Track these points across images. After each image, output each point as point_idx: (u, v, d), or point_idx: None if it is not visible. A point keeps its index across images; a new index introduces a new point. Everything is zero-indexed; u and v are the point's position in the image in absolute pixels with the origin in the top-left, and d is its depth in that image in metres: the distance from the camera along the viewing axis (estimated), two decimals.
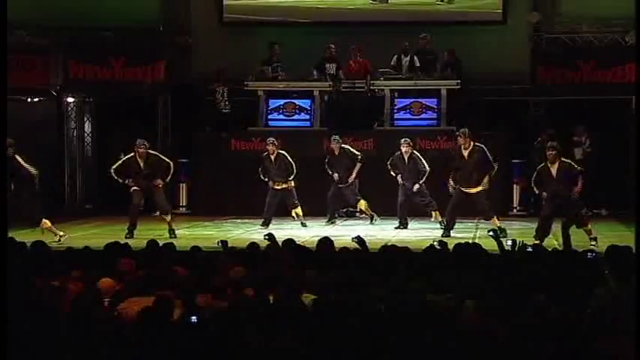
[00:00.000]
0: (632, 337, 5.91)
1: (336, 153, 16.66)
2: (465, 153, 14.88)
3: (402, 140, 16.10)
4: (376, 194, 16.94)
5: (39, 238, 11.02)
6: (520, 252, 9.45)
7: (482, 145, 15.05)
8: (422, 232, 15.33)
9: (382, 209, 16.94)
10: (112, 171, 15.02)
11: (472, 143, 14.91)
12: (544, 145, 15.15)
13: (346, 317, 6.27)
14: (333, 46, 18.78)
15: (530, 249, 9.49)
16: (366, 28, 19.88)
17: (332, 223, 16.66)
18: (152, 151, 15.22)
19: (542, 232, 13.51)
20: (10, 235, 10.43)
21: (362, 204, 16.70)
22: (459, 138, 14.98)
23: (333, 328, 6.07)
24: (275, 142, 16.37)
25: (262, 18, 20.19)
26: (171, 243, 10.11)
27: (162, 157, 15.23)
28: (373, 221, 16.58)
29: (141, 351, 5.86)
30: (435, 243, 9.72)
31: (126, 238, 13.59)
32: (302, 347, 5.80)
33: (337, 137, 16.75)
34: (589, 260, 8.82)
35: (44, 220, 14.30)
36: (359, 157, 16.60)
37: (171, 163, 15.14)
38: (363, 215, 17.23)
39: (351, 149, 16.80)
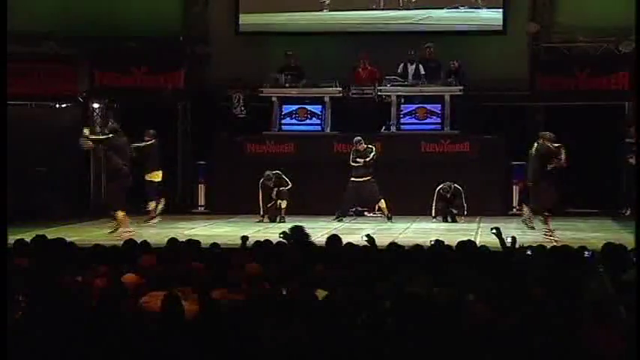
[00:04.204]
0: (620, 327, 5.93)
1: (361, 150, 16.77)
2: None
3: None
4: (383, 194, 16.92)
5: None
6: (520, 250, 9.42)
7: None
8: (426, 231, 15.29)
9: (390, 208, 16.96)
10: None
11: None
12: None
13: (354, 311, 6.25)
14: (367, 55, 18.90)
15: (529, 252, 9.43)
16: (374, 38, 19.85)
17: (340, 220, 16.69)
18: None
19: None
20: (39, 232, 10.43)
21: (382, 203, 16.80)
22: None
23: (341, 321, 6.05)
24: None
25: (275, 29, 20.17)
26: (196, 240, 10.07)
27: None
28: (391, 220, 16.61)
29: (159, 343, 5.85)
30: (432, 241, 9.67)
31: None
32: (311, 338, 5.78)
33: (360, 138, 16.80)
34: (584, 257, 8.77)
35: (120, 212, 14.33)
36: (369, 160, 16.63)
37: None
38: (373, 214, 17.29)
39: (372, 152, 16.79)
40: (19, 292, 6.92)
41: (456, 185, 16.84)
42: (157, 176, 16.49)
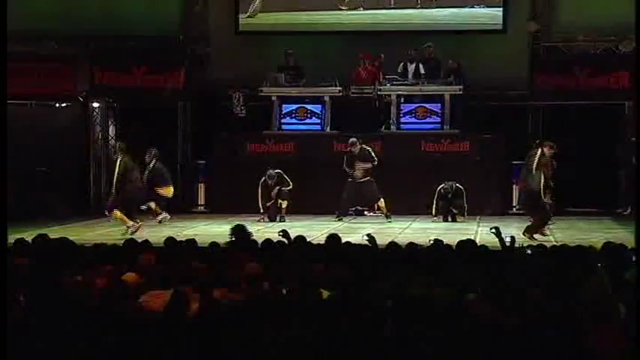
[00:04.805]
0: (620, 326, 5.93)
1: (356, 153, 16.68)
2: None
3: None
4: (383, 193, 16.91)
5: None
6: (519, 251, 9.42)
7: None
8: (425, 230, 15.28)
9: (388, 208, 16.98)
10: None
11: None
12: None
13: (355, 310, 6.25)
14: (382, 55, 18.87)
15: (529, 251, 9.43)
16: (374, 37, 19.84)
17: (340, 219, 16.68)
18: None
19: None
20: (38, 232, 10.42)
21: (381, 202, 16.81)
22: None
23: (343, 320, 6.05)
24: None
25: (275, 29, 20.15)
26: (191, 239, 10.07)
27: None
28: (389, 220, 16.60)
29: (161, 341, 5.85)
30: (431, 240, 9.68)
31: None
32: (311, 337, 5.78)
33: (355, 139, 16.75)
34: (584, 257, 8.77)
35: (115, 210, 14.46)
36: (375, 161, 16.66)
37: None
38: (372, 214, 17.29)
39: (371, 152, 16.77)
40: (20, 292, 6.93)
41: (457, 185, 16.83)
42: (169, 192, 16.50)
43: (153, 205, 16.24)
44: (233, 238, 9.89)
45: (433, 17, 19.63)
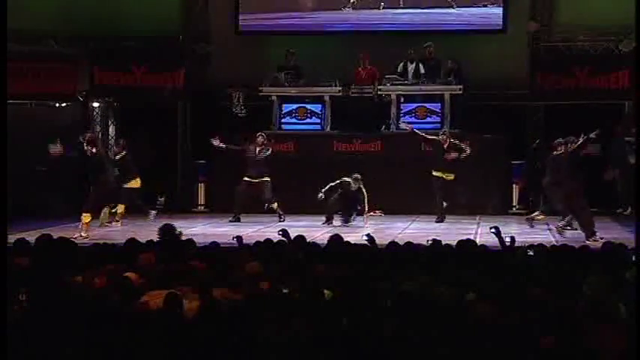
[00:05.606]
0: (620, 326, 5.93)
1: (353, 189, 16.15)
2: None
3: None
4: (383, 193, 16.91)
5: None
6: (519, 251, 9.43)
7: None
8: (426, 230, 15.28)
9: (388, 208, 16.97)
10: None
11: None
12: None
13: (356, 310, 6.25)
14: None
15: (531, 252, 9.43)
16: (374, 37, 19.84)
17: (330, 223, 16.51)
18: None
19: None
20: (38, 232, 10.43)
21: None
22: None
23: (341, 320, 6.05)
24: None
25: (275, 29, 20.15)
26: (191, 239, 10.07)
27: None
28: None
29: (161, 341, 5.85)
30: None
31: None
32: (311, 337, 5.78)
33: (359, 176, 16.24)
34: (584, 257, 8.77)
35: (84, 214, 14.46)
36: (364, 203, 16.11)
37: None
38: (372, 214, 17.25)
39: (365, 194, 16.13)
40: (21, 291, 6.93)
41: (452, 140, 16.76)
42: (137, 183, 16.38)
43: (121, 208, 16.14)
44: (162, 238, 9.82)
45: (433, 17, 19.63)
